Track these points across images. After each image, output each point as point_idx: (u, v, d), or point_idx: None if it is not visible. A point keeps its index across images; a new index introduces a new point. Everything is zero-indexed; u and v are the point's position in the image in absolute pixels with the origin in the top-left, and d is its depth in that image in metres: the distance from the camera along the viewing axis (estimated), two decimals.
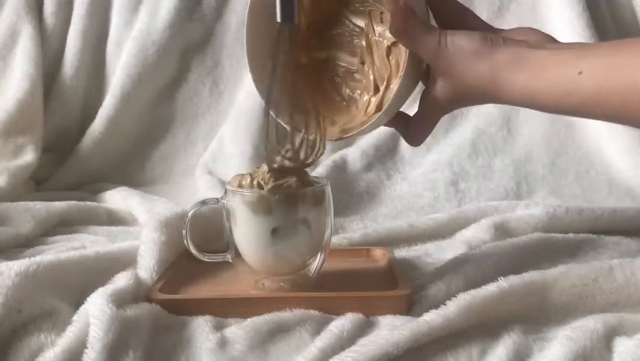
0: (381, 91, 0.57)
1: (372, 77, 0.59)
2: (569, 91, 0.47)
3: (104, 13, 1.15)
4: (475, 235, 0.76)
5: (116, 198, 0.95)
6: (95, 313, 0.48)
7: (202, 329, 0.50)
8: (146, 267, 0.59)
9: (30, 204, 0.83)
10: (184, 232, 0.58)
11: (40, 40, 1.12)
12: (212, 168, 1.06)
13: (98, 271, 0.57)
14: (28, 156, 1.02)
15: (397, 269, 0.61)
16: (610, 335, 0.48)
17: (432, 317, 0.48)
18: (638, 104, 0.44)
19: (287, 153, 0.55)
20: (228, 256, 0.59)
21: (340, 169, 1.00)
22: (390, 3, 0.52)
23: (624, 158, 0.97)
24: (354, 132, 0.56)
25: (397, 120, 0.57)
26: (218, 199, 0.58)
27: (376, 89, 0.58)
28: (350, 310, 0.52)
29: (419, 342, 0.47)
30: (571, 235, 0.71)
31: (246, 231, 0.56)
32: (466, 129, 1.03)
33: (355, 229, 0.80)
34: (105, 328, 0.46)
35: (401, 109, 0.57)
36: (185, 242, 0.58)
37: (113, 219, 0.89)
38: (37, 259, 0.53)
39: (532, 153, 1.01)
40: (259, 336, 0.49)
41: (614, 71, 0.46)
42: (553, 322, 0.52)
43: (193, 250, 0.59)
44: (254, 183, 0.55)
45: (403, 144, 1.04)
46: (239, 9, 1.13)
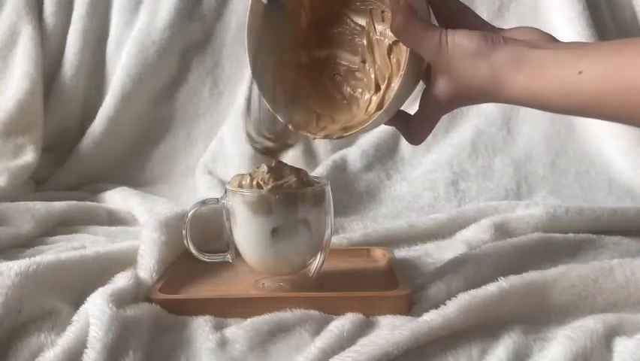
0: (382, 90, 0.57)
1: (373, 75, 0.59)
2: (570, 91, 0.47)
3: (104, 13, 1.15)
4: (475, 235, 0.76)
5: (116, 198, 0.95)
6: (95, 314, 0.48)
7: (202, 329, 0.50)
8: (146, 267, 0.59)
9: (30, 204, 0.83)
10: (184, 232, 0.58)
11: (40, 40, 1.12)
12: (212, 168, 1.06)
13: (98, 271, 0.57)
14: (28, 156, 1.02)
15: (397, 269, 0.61)
16: (610, 335, 0.48)
17: (432, 317, 0.48)
18: (638, 104, 0.44)
19: (270, 134, 0.55)
20: (228, 256, 0.59)
21: (340, 169, 1.00)
22: (392, 1, 0.52)
23: (624, 158, 0.97)
24: (355, 131, 0.56)
25: (398, 119, 0.57)
26: (218, 199, 0.58)
27: (377, 88, 0.58)
28: (350, 310, 0.52)
29: (419, 342, 0.47)
30: (571, 235, 0.71)
31: (246, 231, 0.56)
32: (466, 129, 1.03)
33: (355, 229, 0.80)
34: (105, 328, 0.46)
35: (402, 108, 0.57)
36: (185, 242, 0.58)
37: (113, 219, 0.89)
38: (37, 259, 0.53)
39: (532, 153, 1.00)
40: (259, 336, 0.49)
41: (613, 71, 0.46)
42: (553, 322, 0.52)
43: (193, 250, 0.59)
44: (254, 183, 0.55)
45: (403, 144, 1.04)
46: (239, 9, 1.13)
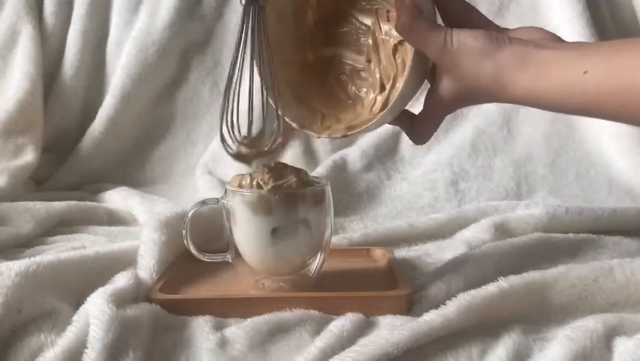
0: (387, 89, 0.57)
1: (378, 75, 0.59)
2: (573, 91, 0.47)
3: (104, 13, 1.15)
4: (475, 235, 0.75)
5: (116, 198, 0.95)
6: (95, 314, 0.48)
7: (202, 329, 0.50)
8: (146, 267, 0.59)
9: (30, 204, 0.83)
10: (184, 232, 0.58)
11: (40, 40, 1.11)
12: (212, 168, 1.06)
13: (98, 271, 0.57)
14: (28, 156, 1.02)
15: (397, 269, 0.61)
16: (610, 335, 0.48)
17: (432, 317, 0.48)
18: (638, 104, 0.44)
19: (244, 139, 0.55)
20: (228, 256, 0.59)
21: (340, 169, 1.00)
22: (397, 1, 0.52)
23: (624, 158, 0.97)
24: (359, 130, 0.56)
25: (402, 119, 0.57)
26: (218, 199, 0.58)
27: (382, 88, 0.58)
28: (350, 310, 0.52)
29: (419, 342, 0.47)
30: (571, 235, 0.71)
31: (246, 231, 0.56)
32: (466, 129, 1.03)
33: (355, 229, 0.80)
34: (105, 328, 0.46)
35: (406, 107, 0.57)
36: (185, 242, 0.58)
37: (113, 219, 0.89)
38: (37, 259, 0.53)
39: (532, 153, 1.00)
40: (259, 336, 0.49)
41: (614, 70, 0.46)
42: (553, 322, 0.52)
43: (193, 250, 0.59)
44: (254, 183, 0.55)
45: (403, 144, 1.03)
46: (239, 9, 1.13)
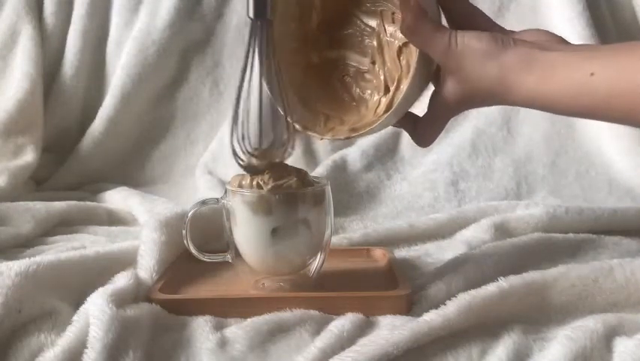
0: (392, 91, 0.57)
1: (382, 77, 0.59)
2: (580, 93, 0.47)
3: (104, 13, 1.15)
4: (475, 235, 0.75)
5: (116, 198, 0.95)
6: (95, 314, 0.48)
7: (202, 329, 0.50)
8: (146, 267, 0.59)
9: (30, 204, 0.83)
10: (184, 232, 0.58)
11: (40, 40, 1.12)
12: (212, 168, 1.06)
13: (98, 271, 0.57)
14: (28, 156, 1.02)
15: (397, 269, 0.61)
16: (610, 335, 0.48)
17: (432, 317, 0.48)
18: None
19: (255, 151, 0.55)
20: (228, 256, 0.59)
21: (340, 169, 1.00)
22: (402, 2, 0.52)
23: (624, 158, 0.97)
24: (363, 132, 0.56)
25: (406, 121, 0.57)
26: (218, 199, 0.58)
27: (387, 90, 0.58)
28: (350, 310, 0.52)
29: (419, 342, 0.47)
30: (571, 235, 0.71)
31: (246, 231, 0.56)
32: (466, 129, 1.03)
33: (355, 229, 0.80)
34: (105, 328, 0.46)
35: (410, 110, 0.56)
36: (185, 242, 0.58)
37: (113, 219, 0.89)
38: (37, 259, 0.53)
39: (532, 153, 1.00)
40: (259, 336, 0.49)
41: (623, 73, 0.45)
42: (553, 322, 0.52)
43: (193, 250, 0.59)
44: (254, 183, 0.55)
45: (403, 144, 1.03)
46: (239, 9, 1.13)
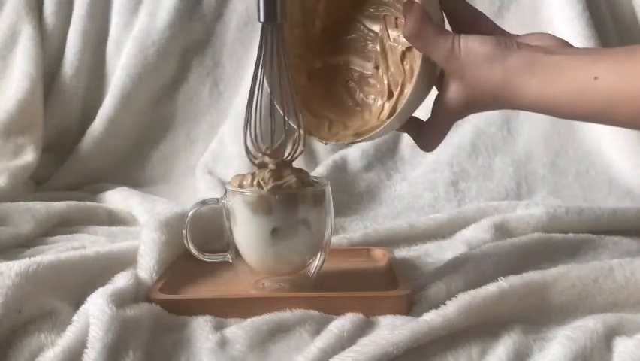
0: (395, 96, 0.57)
1: (386, 82, 0.59)
2: (583, 97, 0.47)
3: (104, 13, 1.15)
4: (475, 235, 0.76)
5: (116, 198, 0.95)
6: (95, 314, 0.48)
7: (202, 329, 0.50)
8: (146, 267, 0.59)
9: (30, 204, 0.83)
10: (184, 232, 0.58)
11: (40, 40, 1.11)
12: (212, 168, 1.06)
13: (98, 271, 0.57)
14: (28, 156, 1.02)
15: (397, 269, 0.61)
16: (610, 335, 0.48)
17: (432, 317, 0.48)
18: None
19: (267, 150, 0.56)
20: (228, 256, 0.59)
21: (340, 169, 1.00)
22: (405, 7, 0.52)
23: (624, 158, 0.97)
24: (367, 136, 0.55)
25: (410, 125, 0.57)
26: (218, 199, 0.58)
27: (390, 94, 0.58)
28: (350, 310, 0.52)
29: (419, 342, 0.47)
30: (571, 235, 0.71)
31: (246, 231, 0.56)
32: (466, 129, 1.03)
33: (355, 229, 0.80)
34: (105, 328, 0.46)
35: (414, 114, 0.56)
36: (185, 242, 0.58)
37: (113, 219, 0.89)
38: (37, 259, 0.53)
39: (532, 153, 1.00)
40: (259, 336, 0.49)
41: (626, 77, 0.45)
42: (553, 322, 0.52)
43: (193, 250, 0.59)
44: (254, 183, 0.55)
45: (403, 144, 1.04)
46: (239, 9, 1.13)
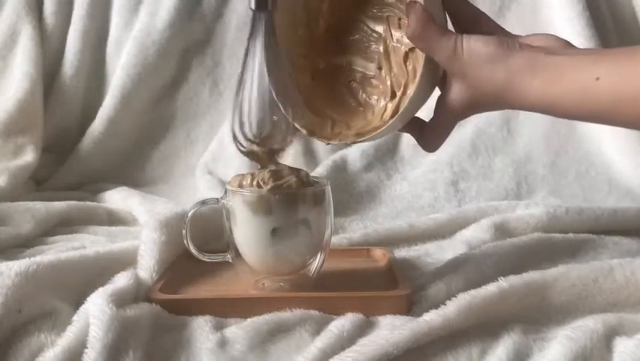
0: (398, 97, 0.57)
1: (389, 82, 0.59)
2: (585, 97, 0.47)
3: (104, 13, 1.15)
4: (475, 235, 0.75)
5: (116, 198, 0.95)
6: (95, 314, 0.48)
7: (202, 329, 0.50)
8: (146, 267, 0.59)
9: (30, 204, 0.83)
10: (184, 232, 0.58)
11: (40, 40, 1.11)
12: (212, 168, 1.06)
13: (98, 271, 0.57)
14: (28, 156, 1.02)
15: (397, 269, 0.61)
16: (610, 335, 0.48)
17: (432, 317, 0.48)
18: None
19: (255, 138, 0.55)
20: (228, 256, 0.59)
21: (340, 169, 1.00)
22: (408, 7, 0.52)
23: (624, 158, 0.97)
24: (369, 136, 0.55)
25: (412, 126, 0.57)
26: (218, 199, 0.58)
27: (393, 95, 0.58)
28: (350, 310, 0.52)
29: (419, 342, 0.47)
30: (571, 235, 0.71)
31: (246, 231, 0.56)
32: (466, 129, 1.03)
33: (355, 229, 0.80)
34: (105, 328, 0.46)
35: (416, 115, 0.56)
36: (185, 242, 0.58)
37: (113, 219, 0.89)
38: (37, 259, 0.53)
39: (532, 153, 1.00)
40: (259, 336, 0.49)
41: (626, 79, 0.45)
42: (553, 322, 0.52)
43: (193, 250, 0.59)
44: (254, 183, 0.55)
45: (403, 144, 1.03)
46: (239, 9, 1.13)
